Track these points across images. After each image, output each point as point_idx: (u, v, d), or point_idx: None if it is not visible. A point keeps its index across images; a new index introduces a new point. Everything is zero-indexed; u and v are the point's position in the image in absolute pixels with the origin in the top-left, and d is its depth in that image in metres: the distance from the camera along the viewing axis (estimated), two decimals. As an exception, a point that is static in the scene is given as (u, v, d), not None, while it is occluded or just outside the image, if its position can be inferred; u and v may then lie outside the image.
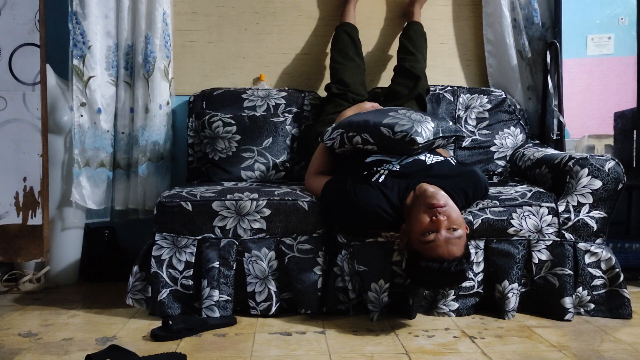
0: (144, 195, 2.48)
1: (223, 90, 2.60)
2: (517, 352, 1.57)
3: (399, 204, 1.81)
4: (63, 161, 2.42)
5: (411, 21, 2.67)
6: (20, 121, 1.46)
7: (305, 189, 2.05)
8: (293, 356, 1.55)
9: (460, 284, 1.82)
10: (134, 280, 1.92)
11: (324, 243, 1.95)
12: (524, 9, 2.69)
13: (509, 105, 2.59)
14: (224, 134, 2.40)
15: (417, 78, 2.49)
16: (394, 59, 2.71)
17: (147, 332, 1.73)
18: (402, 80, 2.52)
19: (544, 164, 2.12)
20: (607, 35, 2.75)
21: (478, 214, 1.91)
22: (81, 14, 2.39)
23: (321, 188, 1.93)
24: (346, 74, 2.49)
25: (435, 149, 2.04)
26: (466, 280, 1.82)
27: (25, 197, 1.46)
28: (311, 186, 2.02)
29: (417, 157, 1.94)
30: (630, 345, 1.63)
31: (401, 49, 2.61)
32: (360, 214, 1.81)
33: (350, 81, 2.48)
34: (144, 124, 2.48)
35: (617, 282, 1.90)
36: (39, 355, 1.55)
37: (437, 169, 1.90)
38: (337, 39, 2.56)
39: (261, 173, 2.38)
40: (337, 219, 1.91)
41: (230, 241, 1.90)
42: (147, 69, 2.47)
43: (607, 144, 2.65)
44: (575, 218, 1.91)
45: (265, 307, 1.89)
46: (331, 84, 2.51)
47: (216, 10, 2.76)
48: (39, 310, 2.01)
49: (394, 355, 1.56)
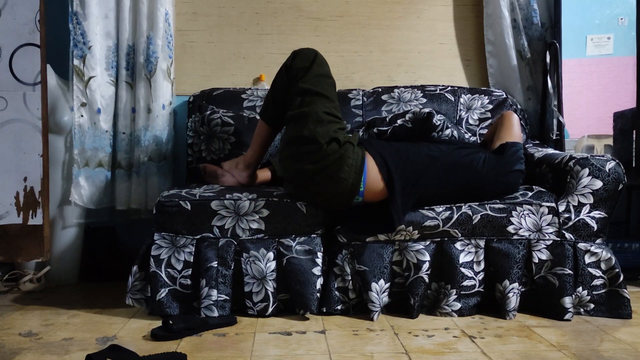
0: (146, 195, 2.48)
1: (223, 91, 2.60)
2: (516, 352, 1.57)
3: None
4: (63, 161, 2.43)
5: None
6: (21, 121, 1.46)
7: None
8: (293, 356, 1.55)
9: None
10: (133, 280, 1.92)
11: (322, 244, 1.95)
12: (523, 10, 2.69)
13: (510, 105, 2.59)
14: (221, 134, 2.41)
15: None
16: (394, 58, 2.72)
17: (147, 332, 1.73)
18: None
19: (544, 163, 2.13)
20: (607, 35, 2.76)
21: (478, 209, 1.92)
22: (81, 14, 2.39)
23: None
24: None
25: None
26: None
27: (26, 197, 1.46)
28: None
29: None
30: (630, 345, 1.63)
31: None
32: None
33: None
34: (146, 124, 2.48)
35: (617, 282, 1.90)
36: (39, 355, 1.55)
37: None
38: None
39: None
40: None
41: (228, 241, 1.90)
42: (149, 69, 2.47)
43: (607, 144, 2.66)
44: (576, 218, 1.92)
45: (262, 308, 1.89)
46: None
47: (216, 11, 2.77)
48: (39, 310, 2.01)
49: (394, 355, 1.56)
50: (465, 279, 1.90)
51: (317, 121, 1.86)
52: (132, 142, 2.51)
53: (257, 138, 2.14)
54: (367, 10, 2.81)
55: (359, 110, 2.56)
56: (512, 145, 2.02)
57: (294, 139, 1.89)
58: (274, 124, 2.09)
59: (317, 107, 1.89)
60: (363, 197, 1.90)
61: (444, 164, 1.94)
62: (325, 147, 1.84)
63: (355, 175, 1.85)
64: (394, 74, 2.83)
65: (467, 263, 1.91)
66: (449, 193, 1.95)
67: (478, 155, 1.98)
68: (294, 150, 1.89)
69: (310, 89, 1.92)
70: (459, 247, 1.92)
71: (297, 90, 1.93)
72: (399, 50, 2.83)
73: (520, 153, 2.02)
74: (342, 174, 1.85)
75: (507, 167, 1.98)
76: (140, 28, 2.48)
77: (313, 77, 1.94)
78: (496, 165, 1.97)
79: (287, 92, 1.99)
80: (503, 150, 2.01)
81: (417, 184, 1.90)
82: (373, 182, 1.88)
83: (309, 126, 1.85)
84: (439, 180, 1.93)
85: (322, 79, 1.96)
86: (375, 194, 1.90)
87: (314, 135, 1.85)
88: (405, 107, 2.53)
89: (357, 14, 2.82)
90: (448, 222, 1.90)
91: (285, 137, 1.95)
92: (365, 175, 1.87)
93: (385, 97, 2.59)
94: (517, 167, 1.99)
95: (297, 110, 1.90)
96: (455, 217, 1.91)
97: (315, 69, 1.95)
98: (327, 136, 1.85)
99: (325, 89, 1.94)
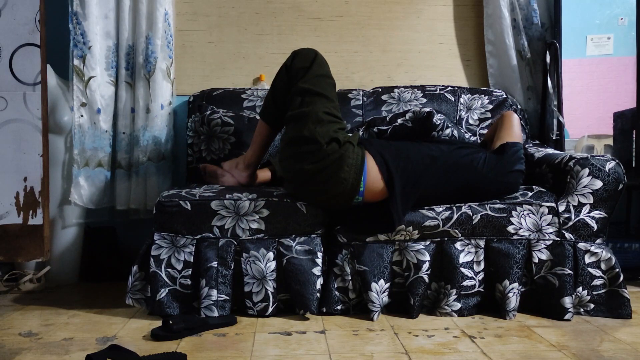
0: (145, 195, 2.48)
1: (223, 90, 2.60)
2: (516, 352, 1.57)
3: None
4: (63, 161, 2.43)
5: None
6: (21, 121, 1.46)
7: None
8: (293, 356, 1.55)
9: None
10: (133, 280, 1.92)
11: (322, 244, 1.95)
12: (523, 10, 2.69)
13: (510, 105, 2.59)
14: (221, 134, 2.41)
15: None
16: (394, 58, 2.72)
17: (147, 332, 1.73)
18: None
19: (544, 163, 2.13)
20: (607, 35, 2.76)
21: (478, 209, 1.92)
22: (81, 14, 2.39)
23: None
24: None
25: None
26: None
27: (26, 197, 1.46)
28: None
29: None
30: (629, 345, 1.63)
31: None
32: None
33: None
34: (144, 124, 2.48)
35: (617, 282, 1.90)
36: (39, 355, 1.55)
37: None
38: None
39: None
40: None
41: (228, 241, 1.90)
42: (148, 69, 2.47)
43: (607, 144, 2.66)
44: (576, 218, 1.92)
45: (262, 308, 1.89)
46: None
47: (216, 11, 2.77)
48: (39, 310, 2.01)
49: (394, 355, 1.56)
50: (465, 279, 1.90)
51: (317, 121, 1.86)
52: (132, 142, 2.51)
53: (257, 138, 2.14)
54: (367, 10, 2.81)
55: (359, 110, 2.56)
56: (512, 146, 2.02)
57: (294, 139, 1.89)
58: (274, 124, 2.09)
59: (317, 107, 1.89)
60: (363, 197, 1.90)
61: (444, 164, 1.94)
62: (325, 147, 1.84)
63: (355, 175, 1.85)
64: (394, 74, 2.83)
65: (467, 263, 1.91)
66: (449, 193, 1.95)
67: (478, 155, 1.98)
68: (294, 150, 1.89)
69: (310, 89, 1.92)
70: (459, 247, 1.92)
71: (297, 90, 1.93)
72: (399, 50, 2.83)
73: (521, 153, 2.02)
74: (342, 174, 1.85)
75: (508, 167, 1.98)
76: (140, 28, 2.48)
77: (313, 77, 1.94)
78: (496, 165, 1.97)
79: (287, 92, 1.99)
80: (503, 151, 2.01)
81: (417, 183, 1.90)
82: (373, 182, 1.88)
83: (309, 126, 1.85)
84: (439, 180, 1.93)
85: (322, 79, 1.96)
86: (376, 194, 1.90)
87: (314, 135, 1.85)
88: (405, 107, 2.53)
89: (357, 14, 2.82)
90: (448, 222, 1.90)
91: (285, 137, 1.95)
92: (365, 175, 1.87)
93: (385, 97, 2.59)
94: (518, 167, 1.99)
95: (297, 110, 1.91)
96: (455, 217, 1.91)
97: (315, 69, 1.95)
98: (327, 136, 1.85)
99: (325, 89, 1.94)
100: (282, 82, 2.01)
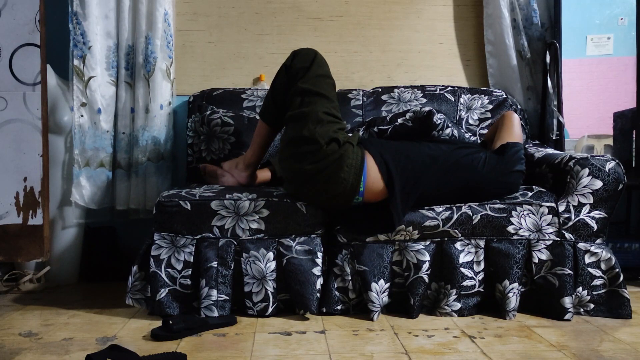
0: (145, 195, 2.48)
1: (223, 91, 2.60)
2: (516, 352, 1.57)
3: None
4: (63, 161, 2.43)
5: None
6: (21, 121, 1.46)
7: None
8: (293, 356, 1.55)
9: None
10: (133, 280, 1.92)
11: (322, 244, 1.95)
12: (523, 10, 2.69)
13: (510, 105, 2.59)
14: (221, 134, 2.41)
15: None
16: (394, 58, 2.72)
17: (147, 332, 1.73)
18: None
19: (544, 163, 2.13)
20: (607, 35, 2.76)
21: (477, 209, 1.92)
22: (81, 14, 2.39)
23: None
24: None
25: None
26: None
27: (26, 197, 1.46)
28: None
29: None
30: (629, 345, 1.63)
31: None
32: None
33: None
34: (144, 124, 2.48)
35: (617, 282, 1.90)
36: (39, 355, 1.55)
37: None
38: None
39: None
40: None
41: (228, 241, 1.90)
42: (147, 69, 2.47)
43: (607, 144, 2.66)
44: (576, 218, 1.92)
45: (262, 308, 1.89)
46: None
47: (216, 11, 2.77)
48: (39, 310, 2.01)
49: (394, 355, 1.56)
50: (465, 279, 1.90)
51: (316, 121, 1.86)
52: (131, 142, 2.51)
53: (256, 138, 2.14)
54: (367, 10, 2.81)
55: (359, 110, 2.56)
56: (512, 146, 2.02)
57: (294, 139, 1.89)
58: (273, 124, 2.09)
59: (316, 107, 1.89)
60: (363, 197, 1.90)
61: (444, 164, 1.94)
62: (324, 147, 1.84)
63: (355, 175, 1.85)
64: (394, 74, 2.83)
65: (467, 263, 1.91)
66: (449, 193, 1.95)
67: (478, 155, 1.98)
68: (294, 151, 1.89)
69: (310, 89, 1.92)
70: (459, 247, 1.92)
71: (297, 90, 1.93)
72: (399, 50, 2.83)
73: (521, 153, 2.02)
74: (342, 174, 1.85)
75: (508, 168, 1.98)
76: (139, 28, 2.48)
77: (313, 77, 1.94)
78: (497, 165, 1.97)
79: (286, 92, 1.99)
80: (504, 151, 2.01)
81: (417, 183, 1.90)
82: (373, 182, 1.88)
83: (308, 126, 1.85)
84: (439, 180, 1.93)
85: (322, 79, 1.96)
86: (375, 194, 1.90)
87: (313, 136, 1.85)
88: (405, 107, 2.53)
89: (357, 14, 2.82)
90: (448, 222, 1.90)
91: (285, 137, 1.95)
92: (365, 175, 1.87)
93: (385, 97, 2.59)
94: (518, 167, 1.99)
95: (297, 110, 1.91)
96: (455, 217, 1.91)
97: (315, 69, 1.95)
98: (327, 136, 1.85)
99: (325, 89, 1.94)
100: (281, 82, 2.01)
